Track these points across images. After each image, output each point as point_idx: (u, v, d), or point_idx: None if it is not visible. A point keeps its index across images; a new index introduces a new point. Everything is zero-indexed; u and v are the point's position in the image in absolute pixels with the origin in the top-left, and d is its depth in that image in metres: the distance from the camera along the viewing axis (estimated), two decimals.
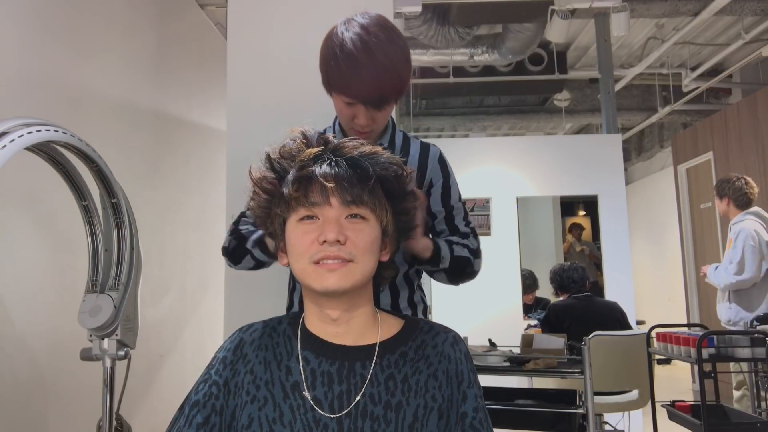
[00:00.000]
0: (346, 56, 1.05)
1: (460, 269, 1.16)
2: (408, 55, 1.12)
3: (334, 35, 1.09)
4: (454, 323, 3.75)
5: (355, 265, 0.78)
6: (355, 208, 0.78)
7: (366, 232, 0.79)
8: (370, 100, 1.08)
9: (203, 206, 3.38)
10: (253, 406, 0.78)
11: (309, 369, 0.80)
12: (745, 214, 3.28)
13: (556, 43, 5.26)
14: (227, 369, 0.81)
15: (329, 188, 0.77)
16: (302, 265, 0.79)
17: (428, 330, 0.85)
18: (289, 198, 0.79)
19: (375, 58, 1.05)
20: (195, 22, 3.51)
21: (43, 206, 2.05)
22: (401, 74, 1.09)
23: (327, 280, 0.77)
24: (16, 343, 1.89)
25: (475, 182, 4.67)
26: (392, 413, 0.77)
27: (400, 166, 0.83)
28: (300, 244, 0.79)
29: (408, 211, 0.86)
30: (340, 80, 1.08)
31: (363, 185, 0.78)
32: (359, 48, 1.05)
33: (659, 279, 7.83)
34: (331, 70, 1.09)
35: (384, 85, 1.07)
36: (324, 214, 0.78)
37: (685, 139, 5.72)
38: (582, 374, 2.16)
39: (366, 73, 1.05)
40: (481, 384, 0.85)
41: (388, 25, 1.10)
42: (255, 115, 1.84)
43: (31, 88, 2.01)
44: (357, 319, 0.82)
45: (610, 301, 3.28)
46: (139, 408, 2.60)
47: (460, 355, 0.83)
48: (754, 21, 4.73)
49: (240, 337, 0.85)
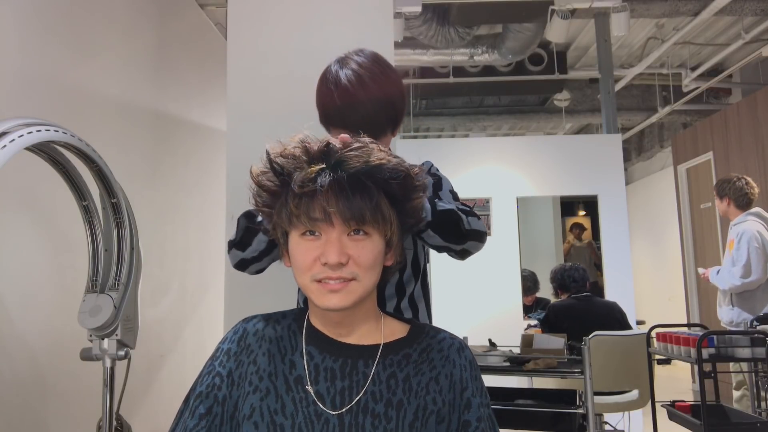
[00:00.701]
0: (341, 91, 1.12)
1: (450, 223, 1.09)
2: (402, 89, 1.18)
3: (329, 72, 1.15)
4: (454, 323, 3.75)
5: (358, 283, 0.77)
6: (356, 225, 0.77)
7: (368, 249, 0.77)
8: (366, 130, 1.09)
9: (203, 206, 3.38)
10: (255, 397, 0.79)
11: (313, 364, 0.80)
12: (747, 215, 3.27)
13: (556, 43, 5.26)
14: (231, 360, 0.82)
15: (330, 211, 0.76)
16: (304, 281, 0.79)
17: (434, 335, 0.85)
18: (290, 214, 0.78)
19: (369, 90, 1.10)
20: (195, 22, 3.51)
21: (43, 206, 2.05)
22: (396, 105, 1.15)
23: (329, 300, 0.77)
24: (17, 343, 1.89)
25: (475, 182, 4.68)
26: (393, 411, 0.77)
27: (404, 170, 0.81)
28: (303, 261, 0.78)
29: (414, 211, 0.85)
30: (336, 114, 1.12)
31: (365, 203, 0.76)
32: (354, 82, 1.11)
33: (659, 279, 7.83)
34: (327, 105, 1.14)
35: (379, 114, 1.12)
36: (326, 233, 0.77)
37: (685, 139, 5.72)
38: (582, 374, 2.16)
39: (361, 104, 1.10)
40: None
41: (382, 60, 1.17)
42: (255, 115, 1.84)
43: (31, 88, 2.01)
44: (360, 323, 0.83)
45: (609, 301, 3.28)
46: (139, 408, 2.60)
47: (465, 362, 0.83)
48: (754, 21, 4.73)
49: (243, 328, 0.85)
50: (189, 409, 0.80)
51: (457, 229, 1.10)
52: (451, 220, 1.08)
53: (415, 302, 1.22)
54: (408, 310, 1.21)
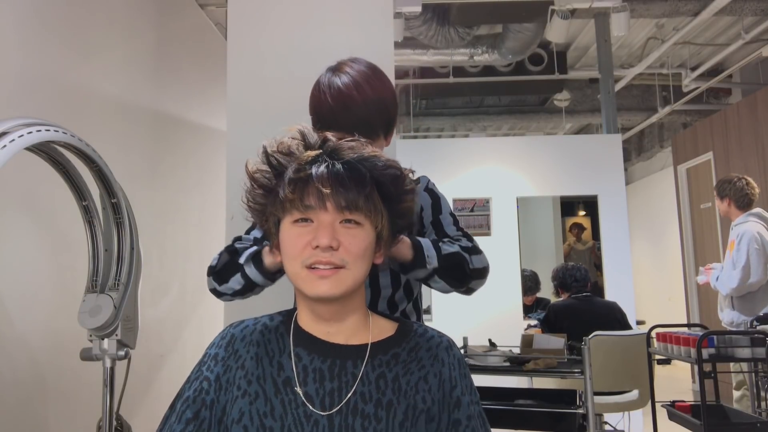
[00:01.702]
0: (335, 91, 1.12)
1: (455, 267, 1.10)
2: (394, 94, 1.19)
3: (322, 77, 1.16)
4: (454, 323, 3.74)
5: (347, 271, 0.78)
6: (349, 213, 0.78)
7: (360, 238, 0.78)
8: (359, 131, 1.09)
9: (203, 206, 3.38)
10: (245, 401, 0.78)
11: (301, 365, 0.80)
12: (747, 215, 3.26)
13: (556, 43, 5.26)
14: (219, 365, 0.82)
15: (325, 193, 0.77)
16: (294, 268, 0.79)
17: (422, 333, 0.86)
18: (284, 199, 0.79)
19: (363, 91, 1.11)
20: (195, 22, 3.51)
21: (43, 206, 2.05)
22: (389, 108, 1.16)
23: (319, 287, 0.77)
24: (17, 343, 1.89)
25: (475, 182, 4.68)
26: (383, 411, 0.77)
27: (398, 168, 0.83)
28: (293, 246, 0.79)
29: (405, 213, 0.86)
30: (330, 116, 1.12)
31: (359, 190, 0.78)
32: (348, 83, 1.12)
33: (659, 279, 7.83)
34: (320, 107, 1.15)
35: (372, 115, 1.12)
36: (318, 218, 0.78)
37: (685, 139, 5.72)
38: (582, 374, 2.16)
39: (354, 104, 1.11)
40: (481, 384, 0.84)
41: (375, 67, 1.18)
42: (255, 115, 1.84)
43: (31, 88, 2.01)
44: (349, 320, 0.83)
45: (610, 301, 3.28)
46: (139, 408, 2.60)
47: (453, 360, 0.83)
48: (754, 21, 4.73)
49: (231, 333, 0.85)
50: (176, 413, 0.79)
51: (462, 272, 1.12)
52: (456, 264, 1.10)
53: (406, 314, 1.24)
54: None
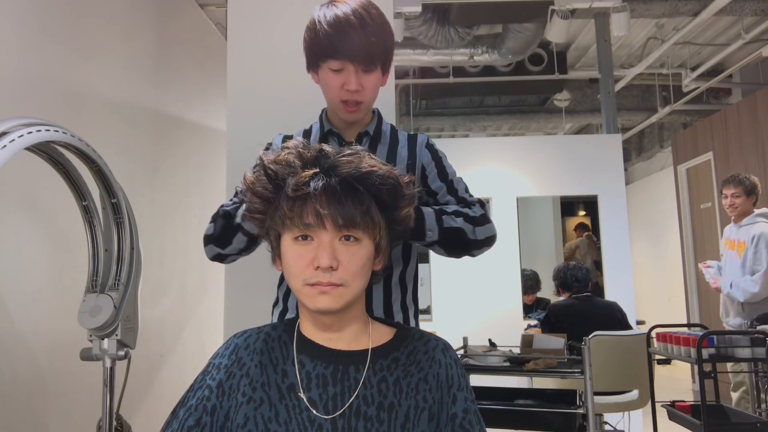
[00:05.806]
0: (330, 20, 1.08)
1: (455, 241, 1.09)
2: (391, 30, 1.15)
3: (316, 12, 1.12)
4: (454, 323, 3.75)
5: (346, 288, 0.80)
6: (347, 230, 0.80)
7: (359, 255, 0.81)
8: (357, 57, 1.08)
9: (203, 206, 3.38)
10: (249, 407, 0.80)
11: (304, 372, 0.82)
12: (755, 216, 3.21)
13: (556, 43, 5.26)
14: (221, 372, 0.83)
15: (323, 213, 0.79)
16: (297, 285, 0.82)
17: (419, 337, 0.88)
18: (284, 216, 0.81)
19: (361, 18, 1.07)
20: (195, 22, 3.51)
21: (43, 206, 2.05)
22: (386, 39, 1.12)
23: (319, 302, 0.80)
24: (17, 342, 1.89)
25: (475, 182, 4.64)
26: (385, 413, 0.80)
27: (395, 178, 0.84)
28: (296, 266, 0.81)
29: (402, 220, 0.88)
30: (327, 43, 1.09)
31: (356, 207, 0.80)
32: (345, 12, 1.08)
33: (659, 279, 7.83)
34: (315, 38, 1.11)
35: (370, 43, 1.08)
36: (318, 237, 0.80)
37: (685, 139, 5.72)
38: (582, 374, 2.16)
39: (352, 31, 1.07)
40: (481, 384, 0.86)
41: (371, 2, 1.13)
42: (255, 115, 1.84)
43: (31, 88, 2.01)
44: (350, 327, 0.85)
45: (610, 301, 3.28)
46: (139, 408, 2.60)
47: (450, 360, 0.86)
48: (754, 21, 4.73)
49: (234, 343, 0.87)
50: (178, 420, 0.81)
51: (463, 244, 1.11)
52: (457, 237, 1.09)
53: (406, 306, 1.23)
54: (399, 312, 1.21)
